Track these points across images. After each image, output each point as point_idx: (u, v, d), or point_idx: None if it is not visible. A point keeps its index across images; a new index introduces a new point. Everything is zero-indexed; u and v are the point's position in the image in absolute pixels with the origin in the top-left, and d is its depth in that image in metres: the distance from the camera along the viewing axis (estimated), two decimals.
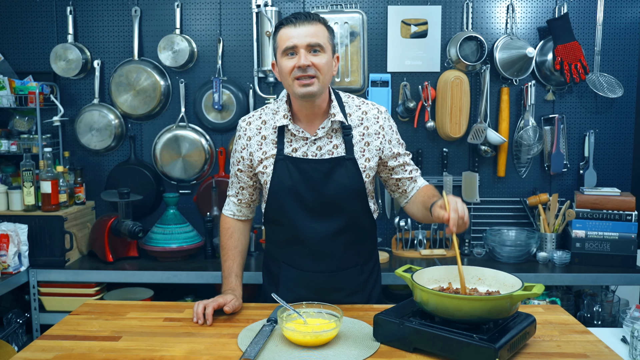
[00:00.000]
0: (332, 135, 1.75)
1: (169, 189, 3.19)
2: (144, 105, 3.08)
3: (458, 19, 3.06)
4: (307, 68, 1.63)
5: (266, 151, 1.77)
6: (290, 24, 1.65)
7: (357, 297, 1.83)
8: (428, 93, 3.00)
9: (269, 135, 1.77)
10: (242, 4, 3.08)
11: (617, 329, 2.11)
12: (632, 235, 2.82)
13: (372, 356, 1.41)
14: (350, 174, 1.74)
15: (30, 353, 1.44)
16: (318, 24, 1.67)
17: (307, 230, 1.76)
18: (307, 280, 1.81)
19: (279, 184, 1.75)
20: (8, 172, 3.07)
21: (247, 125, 1.81)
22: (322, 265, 1.79)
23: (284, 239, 1.82)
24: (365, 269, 1.87)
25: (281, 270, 1.86)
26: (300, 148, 1.75)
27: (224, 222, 1.91)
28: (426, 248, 3.04)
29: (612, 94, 2.96)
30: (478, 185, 3.07)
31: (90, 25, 3.13)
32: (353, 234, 1.80)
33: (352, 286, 1.84)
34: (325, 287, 1.81)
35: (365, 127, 1.77)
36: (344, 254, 1.80)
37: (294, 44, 1.64)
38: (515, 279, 1.48)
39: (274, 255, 1.90)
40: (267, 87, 3.10)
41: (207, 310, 1.62)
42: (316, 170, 1.72)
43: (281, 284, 1.86)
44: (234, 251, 1.85)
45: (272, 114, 1.79)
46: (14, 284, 2.68)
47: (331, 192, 1.73)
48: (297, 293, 1.79)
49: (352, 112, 1.79)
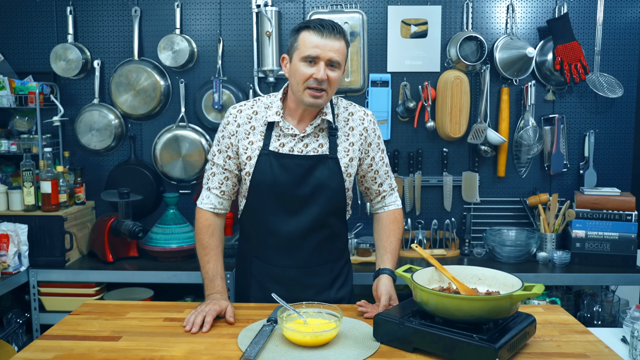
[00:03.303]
0: (319, 134, 1.79)
1: (169, 189, 3.19)
2: (144, 105, 3.08)
3: (458, 19, 3.06)
4: (322, 82, 1.67)
5: (252, 142, 1.79)
6: (317, 31, 1.66)
7: (326, 294, 1.86)
8: (428, 93, 3.00)
9: (258, 127, 1.79)
10: (242, 4, 3.08)
11: (617, 329, 2.11)
12: (632, 235, 2.82)
13: (372, 356, 1.41)
14: (331, 172, 1.78)
15: (30, 353, 1.44)
16: (342, 39, 1.70)
17: (282, 224, 1.79)
18: (278, 276, 1.84)
19: (260, 177, 1.77)
20: (8, 172, 3.07)
21: (238, 113, 1.81)
22: (294, 260, 1.83)
23: (258, 233, 1.85)
24: (335, 267, 1.90)
25: (253, 265, 1.89)
26: (287, 144, 1.78)
27: (204, 218, 1.85)
28: (426, 248, 3.04)
29: (612, 94, 2.96)
30: (478, 185, 3.07)
31: (90, 25, 3.13)
32: (326, 231, 1.83)
33: (322, 283, 1.87)
34: (296, 284, 1.84)
35: (351, 127, 1.82)
36: (315, 251, 1.83)
37: (317, 54, 1.66)
38: (515, 279, 1.48)
39: (246, 250, 1.92)
40: (267, 87, 3.10)
41: (207, 319, 1.60)
42: (299, 166, 1.76)
43: (253, 279, 1.88)
44: (215, 251, 1.84)
45: (264, 107, 1.81)
46: (14, 284, 2.68)
47: (310, 188, 1.77)
48: (269, 289, 1.80)
49: (339, 112, 1.84)
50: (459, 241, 3.08)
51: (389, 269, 1.78)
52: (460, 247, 3.07)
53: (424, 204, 3.15)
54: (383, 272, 1.78)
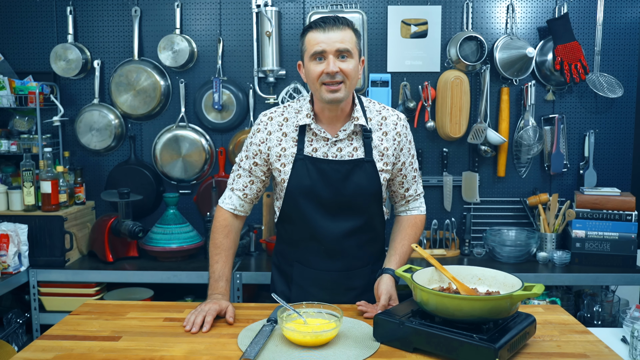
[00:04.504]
0: (352, 138, 1.77)
1: (169, 189, 3.19)
2: (144, 105, 3.08)
3: (458, 19, 3.06)
4: (335, 74, 1.65)
5: (285, 148, 1.78)
6: (319, 28, 1.66)
7: (368, 296, 1.83)
8: (428, 93, 3.00)
9: (290, 133, 1.78)
10: (242, 4, 3.08)
11: (617, 329, 2.11)
12: (632, 235, 2.82)
13: (372, 356, 1.41)
14: (368, 176, 1.76)
15: (30, 353, 1.44)
16: (346, 28, 1.68)
17: (322, 228, 1.78)
18: (320, 280, 1.83)
19: (298, 183, 1.76)
20: (8, 172, 3.07)
21: (269, 120, 1.81)
22: (335, 264, 1.82)
23: (298, 237, 1.83)
24: (376, 268, 1.89)
25: (294, 269, 1.87)
26: (321, 148, 1.76)
27: (222, 218, 1.85)
28: (426, 248, 3.04)
29: (612, 94, 2.96)
30: (478, 185, 3.07)
31: (90, 25, 3.13)
32: (366, 234, 1.83)
33: (364, 285, 1.85)
34: (338, 287, 1.83)
35: (384, 132, 1.79)
36: (357, 254, 1.83)
37: (322, 49, 1.65)
38: (515, 279, 1.48)
39: (286, 254, 1.90)
40: (267, 87, 3.10)
41: (207, 319, 1.60)
42: (336, 171, 1.74)
43: (294, 283, 1.87)
44: (227, 252, 1.82)
45: (294, 113, 1.80)
46: (14, 284, 2.68)
47: (349, 192, 1.75)
48: (311, 292, 1.81)
49: (372, 116, 1.81)
50: (459, 241, 3.08)
51: (392, 269, 1.78)
52: (460, 247, 3.07)
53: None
54: (385, 271, 1.78)
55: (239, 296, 2.74)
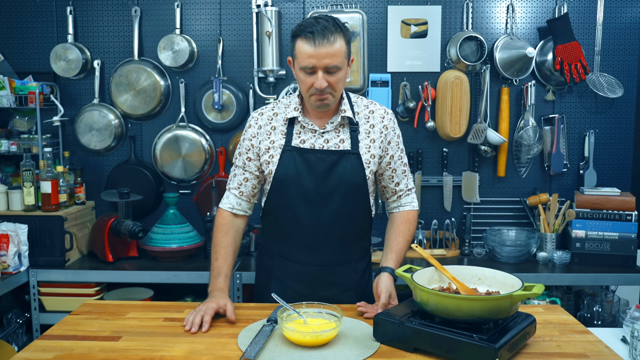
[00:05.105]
0: (339, 130, 1.81)
1: (169, 189, 3.19)
2: (144, 105, 3.08)
3: (458, 19, 3.06)
4: (324, 89, 1.68)
5: (274, 140, 1.81)
6: (308, 40, 1.65)
7: (349, 294, 1.85)
8: (428, 93, 3.00)
9: (279, 127, 1.82)
10: (242, 4, 3.08)
11: (617, 329, 2.11)
12: (632, 235, 2.82)
13: (372, 356, 1.41)
14: (353, 168, 1.78)
15: (30, 353, 1.44)
16: (336, 38, 1.66)
17: (305, 219, 1.79)
18: (301, 274, 1.84)
19: (284, 173, 1.78)
20: (8, 172, 3.07)
21: (259, 116, 1.86)
22: (317, 258, 1.83)
23: (281, 229, 1.85)
24: (359, 267, 1.89)
25: (275, 263, 1.89)
26: (309, 140, 1.79)
27: (221, 217, 1.88)
28: (426, 248, 3.04)
29: (612, 94, 2.96)
30: (478, 185, 3.07)
31: (90, 25, 3.13)
32: (349, 228, 1.83)
33: (345, 283, 1.86)
34: (319, 282, 1.83)
35: (371, 125, 1.83)
36: (339, 248, 1.83)
37: (312, 64, 1.67)
38: (515, 279, 1.48)
39: (269, 248, 1.92)
40: (267, 87, 3.10)
41: (205, 318, 1.60)
42: (322, 160, 1.77)
43: (274, 277, 1.88)
44: (227, 250, 1.84)
45: (284, 108, 1.85)
46: (14, 284, 2.68)
47: (333, 182, 1.77)
48: (291, 286, 1.82)
49: (359, 110, 1.85)
50: (459, 241, 3.08)
51: (390, 267, 1.79)
52: (460, 247, 3.07)
53: (424, 204, 3.15)
54: (384, 270, 1.78)
55: (239, 296, 2.74)
